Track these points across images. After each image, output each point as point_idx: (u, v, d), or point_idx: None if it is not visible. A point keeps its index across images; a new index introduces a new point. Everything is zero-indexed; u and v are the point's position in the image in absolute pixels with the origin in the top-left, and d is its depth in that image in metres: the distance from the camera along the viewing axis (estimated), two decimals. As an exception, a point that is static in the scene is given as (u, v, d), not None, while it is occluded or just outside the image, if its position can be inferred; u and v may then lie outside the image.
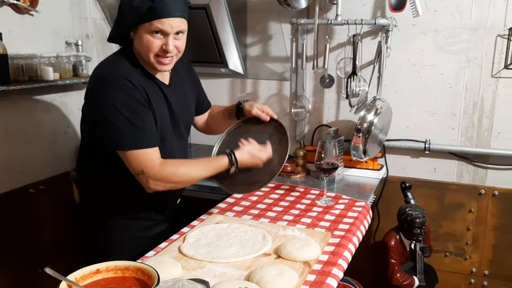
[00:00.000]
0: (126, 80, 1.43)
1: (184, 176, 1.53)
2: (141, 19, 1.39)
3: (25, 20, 2.20)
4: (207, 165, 1.58)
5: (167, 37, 1.43)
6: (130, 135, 1.43)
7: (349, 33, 2.24)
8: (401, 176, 2.43)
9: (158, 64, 1.48)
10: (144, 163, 1.45)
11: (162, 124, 1.55)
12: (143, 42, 1.43)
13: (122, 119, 1.42)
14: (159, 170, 1.46)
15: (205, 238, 1.47)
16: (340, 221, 1.71)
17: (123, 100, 1.42)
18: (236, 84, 2.70)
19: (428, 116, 2.35)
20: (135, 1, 1.38)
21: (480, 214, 2.34)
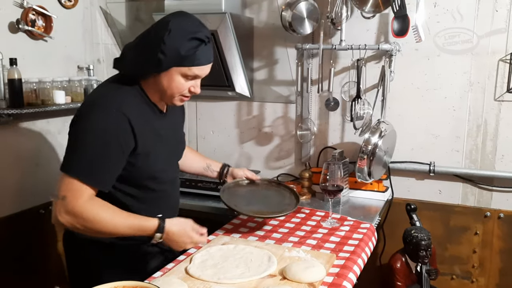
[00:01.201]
0: (118, 111, 1.40)
1: (101, 223, 1.39)
2: (182, 64, 1.41)
3: (39, 46, 2.28)
4: (132, 222, 1.43)
5: (197, 80, 1.49)
6: (83, 164, 1.38)
7: (353, 57, 2.29)
8: (406, 198, 2.45)
9: (179, 101, 1.52)
10: (72, 191, 1.36)
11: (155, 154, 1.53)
12: (174, 83, 1.44)
13: (89, 146, 1.38)
14: (81, 204, 1.36)
15: (211, 259, 1.50)
16: (345, 242, 1.73)
17: (102, 131, 1.38)
18: (243, 107, 2.76)
19: (432, 138, 2.37)
20: (183, 50, 1.39)
21: (486, 237, 2.34)
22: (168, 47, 1.39)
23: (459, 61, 2.26)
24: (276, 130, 2.70)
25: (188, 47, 1.39)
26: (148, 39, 1.45)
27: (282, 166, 2.72)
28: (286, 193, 1.92)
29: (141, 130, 1.45)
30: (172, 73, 1.43)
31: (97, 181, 1.41)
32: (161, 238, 1.44)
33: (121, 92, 1.47)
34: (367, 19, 2.32)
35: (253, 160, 2.79)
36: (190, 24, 1.44)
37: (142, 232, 1.44)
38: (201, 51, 1.42)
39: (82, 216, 1.37)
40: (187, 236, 1.48)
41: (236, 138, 2.80)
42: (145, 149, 1.48)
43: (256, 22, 2.63)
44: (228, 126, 2.80)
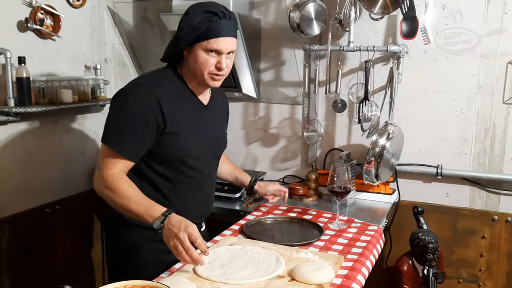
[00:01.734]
0: (153, 94, 1.51)
1: (119, 194, 1.47)
2: (199, 38, 1.49)
3: (47, 45, 2.28)
4: (144, 199, 1.47)
5: (221, 56, 1.53)
6: (114, 135, 1.52)
7: (361, 59, 2.28)
8: (413, 201, 2.43)
9: (212, 80, 1.57)
10: (105, 161, 1.51)
11: (190, 138, 1.61)
12: (199, 59, 1.52)
13: (121, 122, 1.52)
14: (110, 174, 1.50)
15: (219, 259, 1.49)
16: (353, 244, 1.72)
17: (132, 106, 1.51)
18: (249, 108, 2.75)
19: (440, 141, 2.36)
20: (194, 21, 1.49)
21: (493, 241, 2.33)
22: (184, 23, 1.51)
23: (468, 63, 2.25)
24: (282, 132, 2.69)
25: (200, 19, 1.48)
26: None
27: (288, 168, 2.71)
28: (309, 227, 1.90)
29: (172, 111, 1.54)
30: (195, 49, 1.52)
31: (124, 150, 1.51)
32: (162, 223, 1.40)
33: (157, 77, 1.60)
34: (375, 21, 2.31)
35: (259, 161, 2.78)
36: (206, 3, 1.55)
37: (149, 212, 1.44)
38: (216, 23, 1.49)
39: (106, 184, 1.49)
40: (181, 232, 1.35)
41: (242, 139, 2.80)
42: (175, 130, 1.56)
43: (264, 23, 2.63)
44: (234, 127, 2.79)
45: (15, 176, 2.18)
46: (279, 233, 1.85)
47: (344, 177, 1.91)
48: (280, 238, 1.78)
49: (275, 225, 1.92)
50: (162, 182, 1.62)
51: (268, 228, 1.88)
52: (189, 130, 1.61)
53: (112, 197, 1.49)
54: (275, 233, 1.84)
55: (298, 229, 1.88)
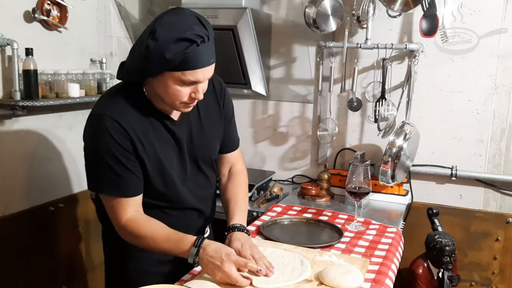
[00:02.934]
0: (114, 122, 1.31)
1: (143, 239, 1.37)
2: (174, 69, 1.24)
3: (54, 37, 2.20)
4: (170, 236, 1.36)
5: (198, 86, 1.30)
6: (103, 181, 1.36)
7: (378, 57, 2.23)
8: (425, 202, 2.39)
9: (184, 108, 1.36)
10: (114, 212, 1.38)
11: (163, 167, 1.42)
12: (170, 90, 1.28)
13: (100, 163, 1.34)
14: (124, 225, 1.37)
15: (242, 262, 1.43)
16: (375, 247, 1.67)
17: (106, 144, 1.31)
18: (258, 106, 2.69)
19: (455, 142, 2.32)
20: (168, 54, 1.21)
21: (507, 243, 2.30)
22: (153, 54, 1.22)
23: (485, 63, 2.22)
24: (292, 130, 2.64)
25: (175, 51, 1.21)
26: (134, 49, 1.32)
27: (297, 167, 2.66)
28: (327, 229, 1.85)
29: (139, 139, 1.36)
30: (166, 79, 1.26)
31: (127, 192, 1.37)
32: (197, 254, 1.29)
33: (115, 100, 1.36)
34: (390, 19, 2.26)
35: (267, 161, 2.72)
36: (178, 23, 1.24)
37: (179, 246, 1.34)
38: (192, 53, 1.22)
39: (127, 234, 1.39)
40: (226, 263, 1.27)
41: (250, 138, 2.74)
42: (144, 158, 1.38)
43: (275, 18, 2.57)
44: (242, 125, 2.73)
45: (18, 172, 2.09)
46: (298, 234, 1.79)
47: (360, 178, 1.86)
48: (300, 239, 1.72)
49: (292, 226, 1.86)
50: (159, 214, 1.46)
51: (286, 229, 1.83)
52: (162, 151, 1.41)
53: (140, 244, 1.39)
54: (294, 235, 1.78)
55: (317, 230, 1.83)
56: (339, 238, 1.71)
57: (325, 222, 1.89)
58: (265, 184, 2.49)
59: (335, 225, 1.84)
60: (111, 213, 1.40)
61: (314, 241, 1.71)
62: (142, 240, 1.37)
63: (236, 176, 1.67)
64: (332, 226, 1.84)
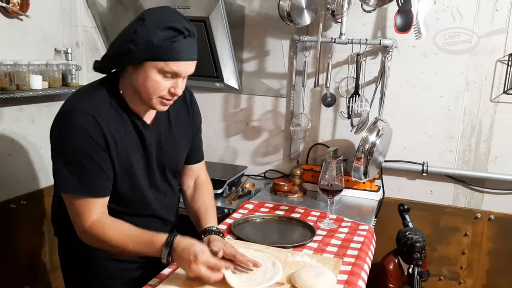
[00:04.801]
0: (90, 117, 1.27)
1: (110, 242, 1.31)
2: (156, 57, 1.23)
3: (14, 25, 2.07)
4: (140, 238, 1.31)
5: (177, 79, 1.29)
6: (73, 179, 1.28)
7: (350, 52, 2.21)
8: (396, 198, 2.41)
9: (160, 105, 1.33)
10: (79, 214, 1.31)
11: (131, 169, 1.39)
12: (149, 81, 1.26)
13: (71, 161, 1.28)
14: (89, 227, 1.30)
15: (212, 264, 1.38)
16: (347, 246, 1.65)
17: (79, 141, 1.26)
18: (230, 99, 2.64)
19: (426, 138, 2.33)
20: (155, 38, 1.21)
21: (475, 238, 2.34)
22: (140, 36, 1.22)
23: (457, 60, 2.23)
24: (264, 125, 2.60)
25: (162, 37, 1.21)
26: (122, 32, 1.30)
27: (269, 162, 2.62)
28: (299, 227, 1.82)
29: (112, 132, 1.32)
30: (147, 68, 1.25)
31: (94, 191, 1.31)
32: (169, 254, 1.26)
33: (90, 96, 1.33)
34: (365, 13, 2.23)
35: (239, 155, 2.68)
36: (168, 14, 1.27)
37: (150, 247, 1.29)
38: (179, 44, 1.23)
39: (92, 237, 1.31)
40: (194, 265, 1.24)
41: (222, 132, 2.68)
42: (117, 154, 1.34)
43: (248, 10, 2.51)
44: (214, 119, 2.68)
45: (-24, 169, 1.98)
46: (270, 233, 1.76)
47: (333, 175, 1.84)
48: (272, 238, 1.69)
49: (264, 225, 1.83)
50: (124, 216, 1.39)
51: (257, 228, 1.79)
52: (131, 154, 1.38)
53: (106, 247, 1.32)
54: (266, 234, 1.75)
55: (289, 228, 1.80)
56: (311, 237, 1.68)
57: (297, 220, 1.86)
58: (237, 179, 2.45)
59: (307, 223, 1.82)
60: (75, 216, 1.32)
61: (286, 240, 1.69)
62: (109, 243, 1.31)
63: (203, 186, 1.66)
64: (304, 224, 1.82)
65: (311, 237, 1.68)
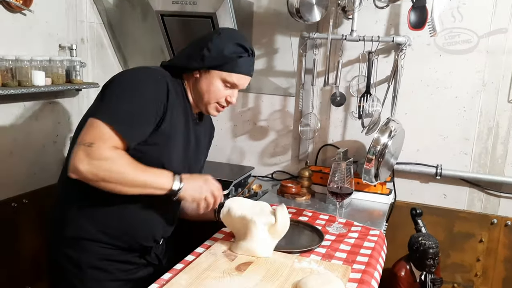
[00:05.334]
0: (164, 80, 1.39)
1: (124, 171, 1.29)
2: (224, 67, 1.41)
3: (17, 20, 2.03)
4: (151, 170, 1.33)
5: (234, 90, 1.48)
6: (116, 112, 1.30)
7: (361, 49, 2.13)
8: (408, 202, 2.32)
9: (215, 110, 1.50)
10: (101, 138, 1.26)
11: (170, 144, 1.42)
12: (213, 87, 1.44)
13: (126, 97, 1.32)
14: (109, 150, 1.27)
15: (214, 270, 1.32)
16: (357, 252, 1.58)
17: (149, 88, 1.35)
18: (238, 98, 2.52)
19: (440, 140, 2.25)
20: (227, 50, 1.40)
21: (491, 245, 2.24)
22: (215, 45, 1.41)
23: (473, 59, 2.13)
24: (272, 124, 2.53)
25: (232, 50, 1.41)
26: (199, 39, 1.47)
27: (277, 163, 2.56)
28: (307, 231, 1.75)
29: (172, 110, 1.39)
30: (213, 76, 1.43)
31: (129, 133, 1.31)
32: (181, 182, 1.35)
33: (161, 70, 1.46)
34: (377, 10, 2.15)
35: (246, 155, 2.61)
36: (239, 34, 1.49)
37: (160, 180, 1.33)
38: (244, 59, 1.43)
39: (107, 162, 1.26)
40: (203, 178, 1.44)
41: (229, 132, 2.62)
42: (165, 133, 1.39)
43: (256, 7, 2.44)
44: (220, 119, 2.61)
45: (-23, 167, 1.94)
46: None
47: (342, 177, 1.76)
48: (279, 242, 1.62)
49: None
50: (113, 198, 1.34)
51: None
52: (176, 140, 1.44)
53: (113, 176, 1.27)
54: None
55: (296, 232, 1.73)
56: (319, 242, 1.61)
57: (305, 224, 1.79)
58: (244, 180, 2.38)
59: (315, 227, 1.75)
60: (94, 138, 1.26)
61: (293, 244, 1.61)
62: (122, 172, 1.27)
63: None
64: (312, 228, 1.74)
65: (319, 242, 1.61)
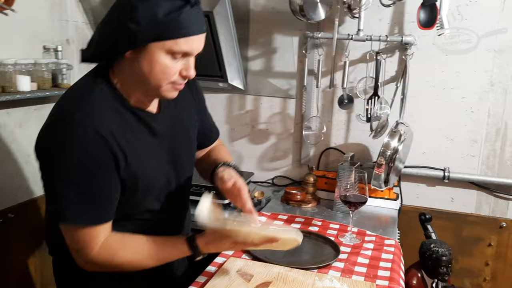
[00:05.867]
0: (90, 130, 1.06)
1: (124, 265, 1.17)
2: (163, 36, 1.04)
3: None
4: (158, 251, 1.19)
5: (189, 58, 1.11)
6: (75, 207, 1.09)
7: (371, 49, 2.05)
8: (415, 206, 2.25)
9: (172, 91, 1.14)
10: (82, 242, 1.11)
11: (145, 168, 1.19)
12: (158, 65, 1.07)
13: (74, 184, 1.07)
14: (97, 252, 1.12)
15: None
16: (377, 265, 1.49)
17: (80, 159, 1.06)
18: (235, 100, 2.45)
19: (447, 142, 2.18)
20: (160, 11, 1.01)
21: (500, 249, 2.19)
22: (141, 12, 1.01)
23: (480, 58, 2.07)
24: (272, 128, 2.42)
25: (168, 9, 1.01)
26: (116, 10, 1.08)
27: (277, 168, 2.45)
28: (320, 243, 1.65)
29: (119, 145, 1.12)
30: (153, 50, 1.05)
31: (99, 218, 1.13)
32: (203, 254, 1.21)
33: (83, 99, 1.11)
34: (381, 7, 2.06)
35: (245, 160, 2.50)
36: None
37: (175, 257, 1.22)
38: (186, 15, 1.03)
39: (104, 264, 1.15)
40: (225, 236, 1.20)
41: (226, 135, 2.50)
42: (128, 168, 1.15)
43: (253, 4, 2.33)
44: (218, 122, 2.38)
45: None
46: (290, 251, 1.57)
47: (352, 182, 1.68)
48: (294, 257, 1.51)
49: None
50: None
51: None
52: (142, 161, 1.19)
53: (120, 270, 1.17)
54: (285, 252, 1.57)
55: (310, 245, 1.62)
56: (336, 255, 1.51)
57: (317, 235, 1.69)
58: (244, 187, 2.27)
59: (329, 238, 1.65)
60: (78, 245, 1.13)
61: (310, 259, 1.51)
62: (123, 265, 1.17)
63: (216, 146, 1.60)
64: (326, 240, 1.65)
65: (336, 255, 1.51)
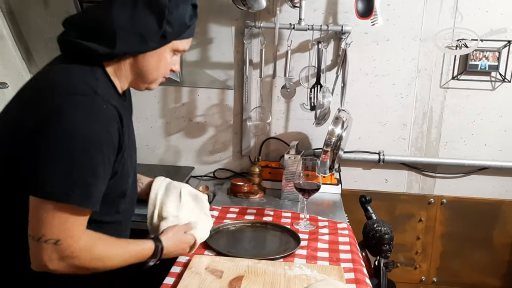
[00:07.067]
0: (110, 105, 1.02)
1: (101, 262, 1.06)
2: (182, 37, 1.13)
3: None
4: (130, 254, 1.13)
5: (179, 55, 1.20)
6: (72, 183, 0.95)
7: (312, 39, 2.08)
8: (353, 189, 2.35)
9: (156, 84, 1.21)
10: (67, 229, 0.97)
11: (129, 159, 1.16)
12: (162, 62, 1.13)
13: (78, 157, 0.95)
14: (84, 245, 1.01)
15: None
16: (337, 249, 1.54)
17: (98, 134, 0.98)
18: (170, 93, 2.36)
19: (380, 126, 2.30)
20: (187, 18, 1.11)
21: (429, 223, 2.37)
22: (173, 15, 1.07)
23: (408, 46, 2.20)
24: (210, 120, 2.37)
25: (189, 13, 1.12)
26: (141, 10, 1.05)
27: (218, 160, 2.41)
28: (278, 232, 1.65)
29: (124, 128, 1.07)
30: (165, 49, 1.12)
31: (93, 204, 1.01)
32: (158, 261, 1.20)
33: (94, 76, 1.06)
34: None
35: (183, 154, 2.43)
36: None
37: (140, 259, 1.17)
38: (195, 21, 1.17)
39: (86, 259, 1.02)
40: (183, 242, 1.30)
41: (161, 129, 2.41)
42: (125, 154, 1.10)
43: (186, -7, 2.25)
44: (151, 116, 2.39)
45: None
46: (249, 243, 1.58)
47: (299, 171, 1.71)
48: (257, 250, 1.50)
49: (239, 234, 1.64)
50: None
51: (234, 238, 1.59)
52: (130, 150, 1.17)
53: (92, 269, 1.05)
54: (244, 244, 1.56)
55: (270, 236, 1.63)
56: (297, 243, 1.53)
57: (273, 224, 1.70)
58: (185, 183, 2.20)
59: (286, 227, 1.67)
60: (56, 233, 0.96)
61: (274, 249, 1.51)
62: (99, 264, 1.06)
63: None
64: (283, 229, 1.66)
65: (297, 243, 1.53)
